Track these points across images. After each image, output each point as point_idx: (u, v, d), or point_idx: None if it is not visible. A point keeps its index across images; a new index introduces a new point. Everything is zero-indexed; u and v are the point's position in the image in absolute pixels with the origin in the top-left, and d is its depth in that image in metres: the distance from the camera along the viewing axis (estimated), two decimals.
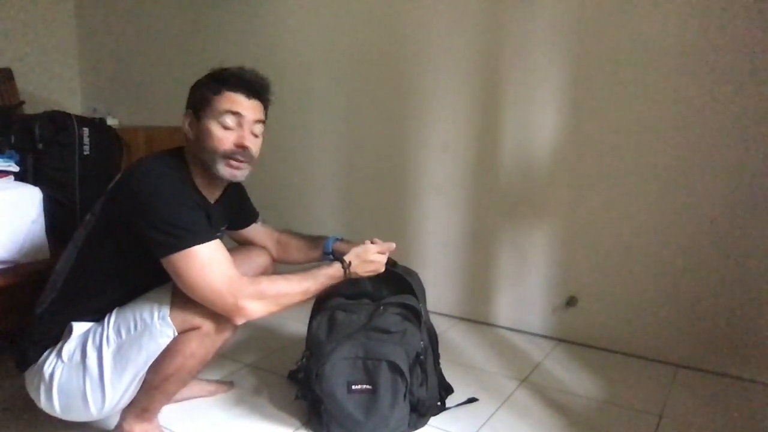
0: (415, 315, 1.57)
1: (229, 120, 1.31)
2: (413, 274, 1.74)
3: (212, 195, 1.41)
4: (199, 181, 1.37)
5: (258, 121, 1.36)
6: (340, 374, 1.46)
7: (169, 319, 1.24)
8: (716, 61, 1.83)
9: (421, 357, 1.52)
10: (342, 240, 1.70)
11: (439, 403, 1.64)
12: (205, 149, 1.32)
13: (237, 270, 1.26)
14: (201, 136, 1.32)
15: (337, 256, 1.46)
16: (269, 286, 1.30)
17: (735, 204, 1.86)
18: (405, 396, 1.48)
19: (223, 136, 1.31)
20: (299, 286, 1.34)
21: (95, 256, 1.30)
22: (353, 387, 1.46)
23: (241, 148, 1.33)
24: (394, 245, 1.51)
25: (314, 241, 1.71)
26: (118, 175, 1.32)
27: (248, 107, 1.34)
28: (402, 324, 1.53)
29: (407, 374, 1.46)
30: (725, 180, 1.86)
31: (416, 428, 1.55)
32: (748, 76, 1.79)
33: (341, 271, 1.42)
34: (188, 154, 1.37)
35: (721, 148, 1.85)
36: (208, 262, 1.20)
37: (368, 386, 1.46)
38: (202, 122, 1.32)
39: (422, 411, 1.54)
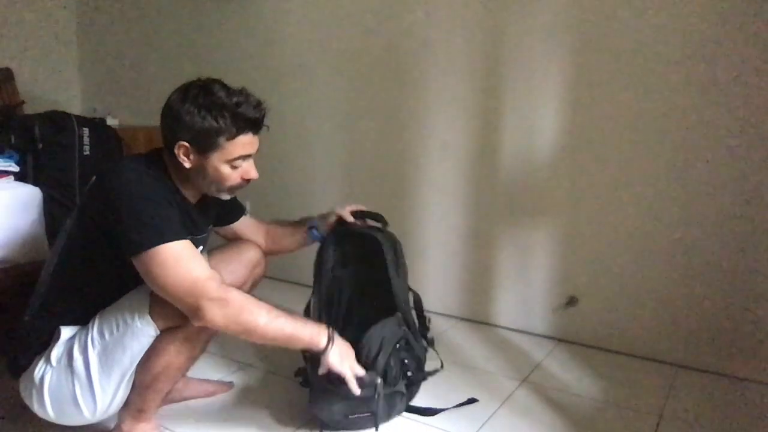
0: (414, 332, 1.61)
1: (240, 161, 1.30)
2: (393, 240, 1.70)
3: (194, 196, 1.39)
4: (180, 183, 1.34)
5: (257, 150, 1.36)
6: (336, 410, 1.46)
7: (149, 317, 1.23)
8: (718, 60, 1.82)
9: (408, 343, 1.57)
10: (322, 215, 1.70)
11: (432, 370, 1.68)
12: (209, 183, 1.32)
13: (212, 272, 1.22)
14: (204, 171, 1.29)
15: (330, 334, 1.34)
16: (239, 298, 1.22)
17: (736, 204, 1.86)
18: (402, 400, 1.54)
19: (231, 174, 1.31)
20: (268, 317, 1.24)
21: (76, 260, 1.29)
22: (350, 417, 1.47)
23: (247, 181, 1.34)
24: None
25: (298, 224, 1.71)
26: (93, 178, 1.30)
27: (255, 143, 1.33)
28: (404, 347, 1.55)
29: (405, 392, 1.52)
30: (726, 180, 1.86)
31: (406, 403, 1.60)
32: (751, 73, 1.79)
33: (322, 344, 1.32)
34: (168, 160, 1.33)
35: (723, 148, 1.85)
36: (175, 261, 1.17)
37: (366, 413, 1.46)
38: (209, 161, 1.28)
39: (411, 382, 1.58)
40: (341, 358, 1.34)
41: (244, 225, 1.65)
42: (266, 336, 1.25)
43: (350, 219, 1.66)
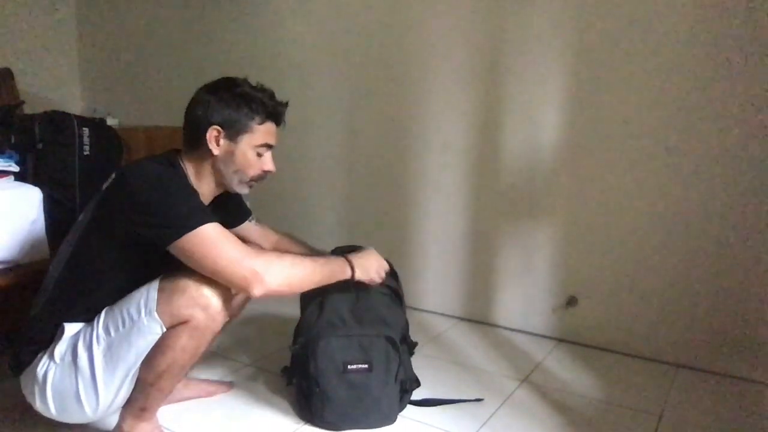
0: (398, 297, 1.63)
1: (264, 149, 1.40)
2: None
3: (206, 198, 1.41)
4: (196, 183, 1.38)
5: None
6: (335, 352, 1.49)
7: (156, 314, 1.24)
8: (719, 59, 1.83)
9: (408, 338, 1.60)
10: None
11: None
12: (234, 170, 1.38)
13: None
14: (232, 157, 1.37)
15: (348, 258, 1.48)
16: (279, 255, 1.32)
17: (735, 204, 1.86)
18: (396, 376, 1.53)
19: (256, 163, 1.40)
20: (310, 262, 1.36)
21: (88, 257, 1.30)
22: (349, 367, 1.49)
23: (266, 173, 1.43)
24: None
25: (315, 252, 1.68)
26: (111, 177, 1.32)
27: (276, 135, 1.44)
28: (390, 306, 1.58)
29: (400, 350, 1.52)
30: (726, 180, 1.86)
31: (402, 409, 1.61)
32: (751, 74, 1.79)
33: (348, 273, 1.45)
34: (186, 159, 1.38)
35: (723, 148, 1.85)
36: (218, 237, 1.22)
37: (364, 365, 1.50)
38: (239, 145, 1.36)
39: (406, 387, 1.59)
40: (368, 274, 1.50)
41: (250, 230, 1.67)
42: (315, 279, 1.35)
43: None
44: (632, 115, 1.97)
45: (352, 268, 1.46)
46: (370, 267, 1.52)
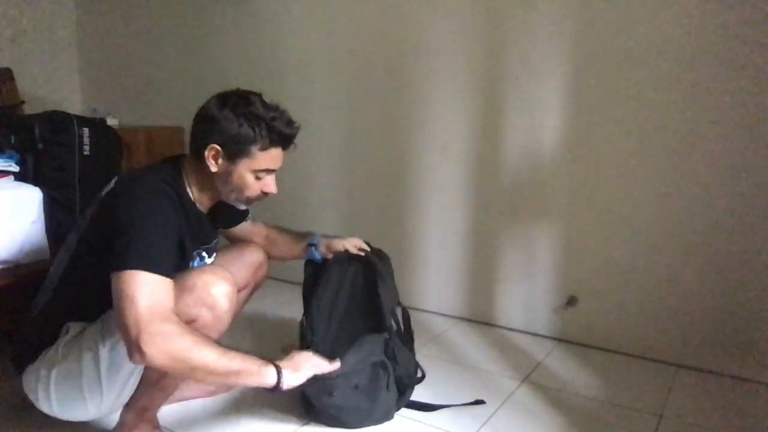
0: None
1: (264, 173, 1.35)
2: (384, 258, 1.74)
3: (206, 205, 1.42)
4: (195, 193, 1.37)
5: None
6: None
7: None
8: (719, 61, 1.83)
9: (389, 342, 1.59)
10: (326, 236, 1.71)
11: (419, 375, 1.69)
12: (231, 189, 1.35)
13: (171, 308, 1.15)
14: (229, 177, 1.33)
15: (275, 363, 1.25)
16: (183, 335, 1.13)
17: (736, 205, 1.86)
18: (387, 385, 1.53)
19: (254, 185, 1.35)
20: (218, 357, 1.16)
21: (87, 261, 1.29)
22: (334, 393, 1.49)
23: (265, 194, 1.38)
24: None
25: (300, 236, 1.72)
26: (113, 183, 1.30)
27: (281, 159, 1.38)
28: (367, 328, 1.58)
29: (389, 367, 1.52)
30: (726, 181, 1.86)
31: (403, 404, 1.62)
32: (751, 75, 1.79)
33: (273, 381, 1.22)
34: (189, 167, 1.36)
35: (724, 148, 1.85)
36: (145, 287, 1.11)
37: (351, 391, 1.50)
38: (237, 167, 1.31)
39: (401, 389, 1.60)
40: (296, 372, 1.27)
41: (245, 229, 1.68)
42: (213, 377, 1.20)
43: (354, 252, 1.68)
44: (632, 115, 1.97)
45: (279, 375, 1.22)
46: (301, 368, 1.29)
